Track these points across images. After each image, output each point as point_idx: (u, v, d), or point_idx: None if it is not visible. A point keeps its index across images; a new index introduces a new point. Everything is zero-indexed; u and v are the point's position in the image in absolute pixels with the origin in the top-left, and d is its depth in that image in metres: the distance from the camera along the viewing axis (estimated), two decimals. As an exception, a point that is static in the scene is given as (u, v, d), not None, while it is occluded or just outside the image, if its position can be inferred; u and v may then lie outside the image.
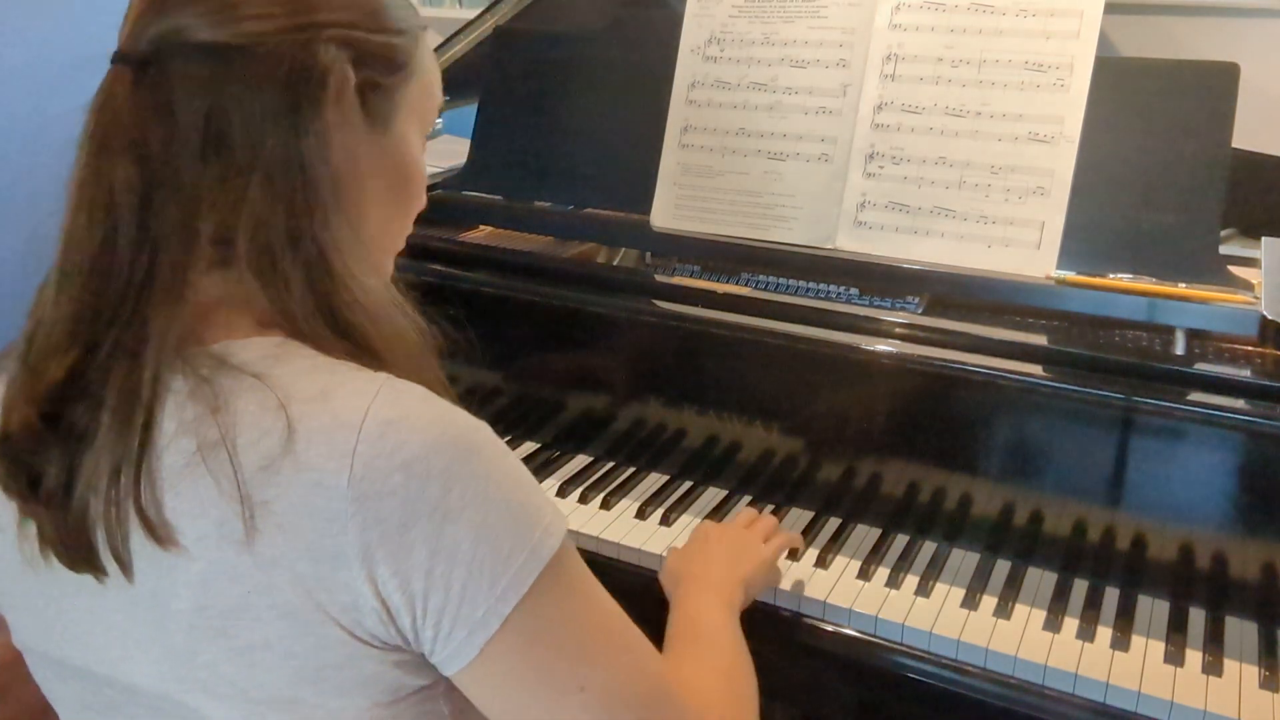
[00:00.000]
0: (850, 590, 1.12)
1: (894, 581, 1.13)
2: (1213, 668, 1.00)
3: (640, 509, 1.27)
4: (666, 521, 1.26)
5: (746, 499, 1.30)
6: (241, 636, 0.62)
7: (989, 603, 1.09)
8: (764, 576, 1.07)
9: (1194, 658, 1.01)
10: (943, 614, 1.08)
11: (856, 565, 1.16)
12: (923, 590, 1.12)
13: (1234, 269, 1.11)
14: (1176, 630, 1.05)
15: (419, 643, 0.63)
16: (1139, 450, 1.07)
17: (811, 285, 1.28)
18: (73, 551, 0.64)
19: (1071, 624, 1.06)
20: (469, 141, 1.52)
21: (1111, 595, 1.10)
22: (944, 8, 1.23)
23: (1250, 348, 1.10)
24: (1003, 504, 1.15)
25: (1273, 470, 1.02)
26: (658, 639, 0.79)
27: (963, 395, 1.14)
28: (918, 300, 1.24)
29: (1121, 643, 1.03)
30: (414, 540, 0.60)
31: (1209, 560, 1.07)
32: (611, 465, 1.37)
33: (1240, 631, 1.05)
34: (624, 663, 0.68)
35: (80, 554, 0.64)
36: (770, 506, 1.25)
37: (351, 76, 0.68)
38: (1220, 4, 1.40)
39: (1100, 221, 1.15)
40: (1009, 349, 1.13)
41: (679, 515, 1.27)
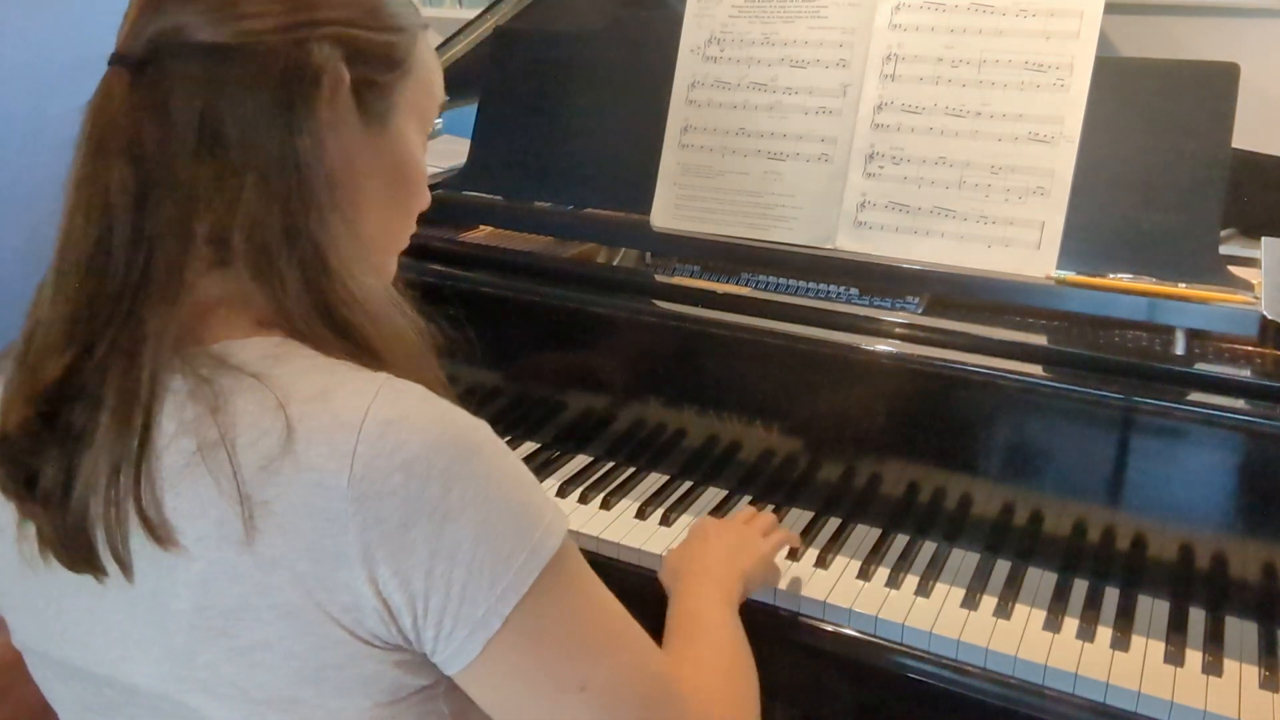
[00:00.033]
0: (850, 590, 1.12)
1: (894, 581, 1.13)
2: (1213, 668, 1.00)
3: (640, 509, 1.27)
4: (666, 521, 1.26)
5: (746, 499, 1.30)
6: (242, 637, 0.62)
7: (989, 603, 1.09)
8: (763, 570, 1.07)
9: (1194, 658, 1.01)
10: (943, 614, 1.08)
11: (856, 565, 1.16)
12: (923, 590, 1.12)
13: (1234, 269, 1.11)
14: (1176, 630, 1.05)
15: (420, 642, 0.63)
16: (1139, 450, 1.07)
17: (811, 285, 1.28)
18: (72, 552, 0.64)
19: (1071, 624, 1.06)
20: (469, 141, 1.52)
21: (1111, 595, 1.10)
22: (944, 8, 1.23)
23: (1250, 348, 1.10)
24: (1003, 504, 1.15)
25: (1273, 470, 1.02)
26: (658, 639, 0.79)
27: (963, 395, 1.14)
28: (918, 300, 1.24)
29: (1121, 643, 1.03)
30: (415, 540, 0.60)
31: (1209, 560, 1.07)
32: (611, 465, 1.37)
33: (1240, 631, 1.05)
34: (625, 661, 0.68)
35: (80, 554, 0.64)
36: (770, 506, 1.25)
37: (346, 75, 0.67)
38: (1220, 4, 1.40)
39: (1100, 221, 1.15)
40: (1009, 349, 1.13)
41: (679, 515, 1.27)
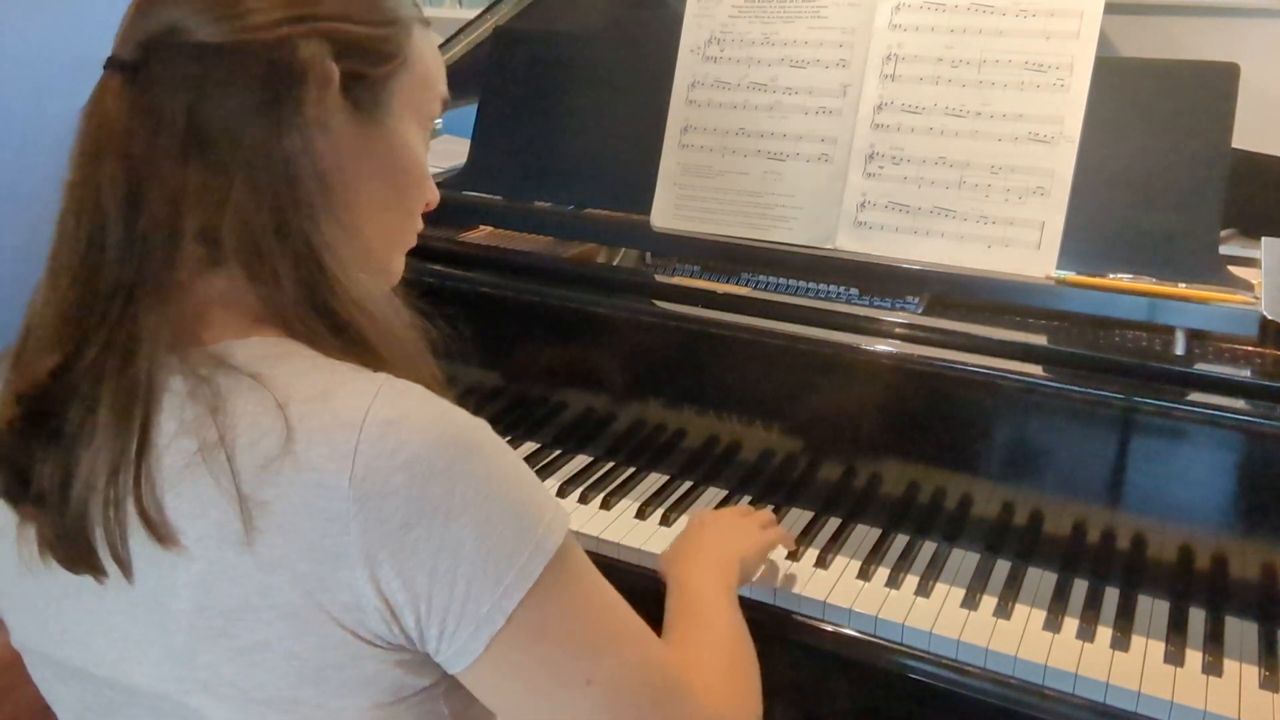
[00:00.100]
0: (850, 590, 1.12)
1: (894, 581, 1.13)
2: (1213, 668, 1.00)
3: (640, 509, 1.27)
4: (666, 521, 1.26)
5: (746, 499, 1.30)
6: (242, 637, 0.62)
7: (989, 603, 1.09)
8: (759, 558, 1.07)
9: (1194, 658, 1.01)
10: (943, 614, 1.08)
11: (856, 565, 1.16)
12: (923, 590, 1.12)
13: (1234, 269, 1.11)
14: (1176, 630, 1.05)
15: (423, 641, 0.63)
16: (1139, 450, 1.07)
17: (811, 285, 1.28)
18: (71, 552, 0.64)
19: (1071, 624, 1.06)
20: (469, 141, 1.52)
21: (1111, 595, 1.10)
22: (944, 8, 1.23)
23: (1250, 348, 1.10)
24: (1002, 504, 1.15)
25: (1273, 470, 1.02)
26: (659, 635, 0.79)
27: (963, 395, 1.14)
28: (918, 300, 1.24)
29: (1121, 643, 1.03)
30: (417, 539, 0.60)
31: (1209, 560, 1.06)
32: (611, 465, 1.37)
33: (1240, 631, 1.05)
34: (629, 655, 0.68)
35: (79, 554, 0.64)
36: (770, 506, 1.25)
37: (334, 70, 0.67)
38: (1220, 4, 1.40)
39: (1100, 221, 1.15)
40: (1009, 349, 1.13)
41: (679, 515, 1.27)
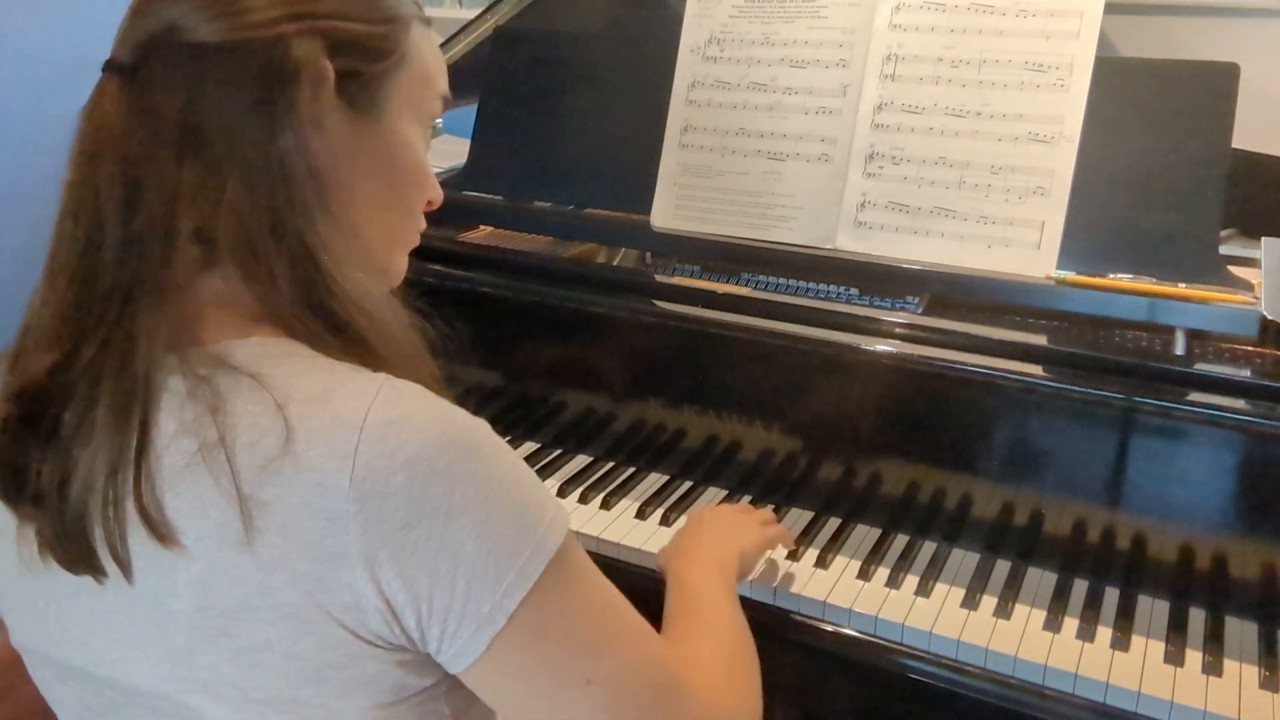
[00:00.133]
0: (850, 590, 1.12)
1: (894, 581, 1.13)
2: (1213, 668, 1.00)
3: (640, 509, 1.27)
4: (666, 521, 1.25)
5: (746, 499, 1.30)
6: (242, 637, 0.62)
7: (989, 603, 1.09)
8: (758, 554, 1.07)
9: (1194, 658, 1.01)
10: (943, 614, 1.08)
11: (856, 565, 1.16)
12: (923, 590, 1.12)
13: (1234, 269, 1.10)
14: (1176, 630, 1.05)
15: (424, 641, 0.63)
16: (1139, 450, 1.07)
17: (811, 285, 1.28)
18: (70, 552, 0.64)
19: (1071, 624, 1.06)
20: (469, 141, 1.52)
21: (1111, 595, 1.10)
22: (944, 8, 1.23)
23: (1250, 348, 1.10)
24: (1002, 504, 1.15)
25: (1273, 470, 1.02)
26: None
27: (963, 395, 1.14)
28: (918, 300, 1.24)
29: (1121, 643, 1.03)
30: (418, 539, 0.60)
31: (1209, 560, 1.06)
32: (611, 465, 1.37)
33: (1240, 631, 1.05)
34: (631, 653, 0.68)
35: (78, 554, 0.64)
36: (770, 506, 1.25)
37: (329, 68, 0.67)
38: (1220, 4, 1.40)
39: (1100, 221, 1.15)
40: (1009, 349, 1.13)
41: (679, 515, 1.27)
